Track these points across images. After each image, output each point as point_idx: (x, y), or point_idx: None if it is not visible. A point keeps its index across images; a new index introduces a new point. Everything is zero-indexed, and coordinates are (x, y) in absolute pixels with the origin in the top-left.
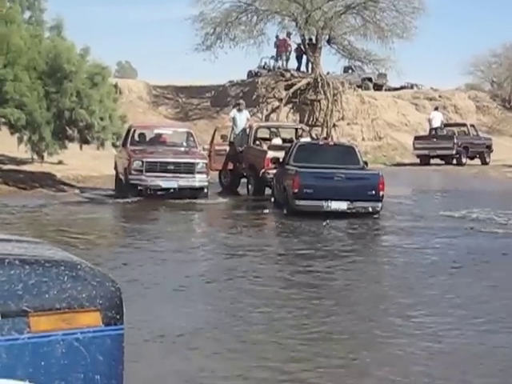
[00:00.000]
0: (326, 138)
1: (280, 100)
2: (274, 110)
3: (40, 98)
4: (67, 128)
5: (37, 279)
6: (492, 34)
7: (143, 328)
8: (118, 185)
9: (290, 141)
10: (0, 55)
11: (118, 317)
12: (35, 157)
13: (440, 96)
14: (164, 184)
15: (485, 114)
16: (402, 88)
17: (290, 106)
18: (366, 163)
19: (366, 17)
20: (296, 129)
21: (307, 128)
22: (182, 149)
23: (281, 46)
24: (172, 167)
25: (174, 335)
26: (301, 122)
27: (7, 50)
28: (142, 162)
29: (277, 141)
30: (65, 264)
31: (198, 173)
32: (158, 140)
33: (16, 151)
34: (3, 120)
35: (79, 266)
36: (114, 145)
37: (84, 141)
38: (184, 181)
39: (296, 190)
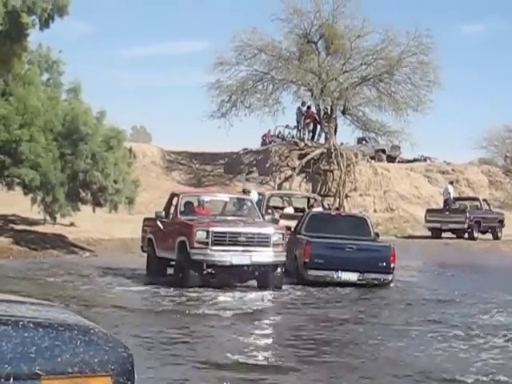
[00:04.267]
0: (338, 209)
1: (293, 169)
2: (286, 179)
3: (55, 159)
4: (80, 190)
5: (50, 342)
6: (507, 107)
7: None
8: (152, 264)
9: (302, 210)
10: (17, 116)
11: (129, 383)
12: (48, 218)
13: (453, 169)
14: (235, 260)
15: (497, 189)
16: (415, 160)
17: (303, 175)
18: (377, 234)
19: (381, 89)
20: (308, 198)
21: (319, 198)
22: (246, 219)
23: (308, 117)
24: (244, 239)
25: None
26: (313, 191)
27: (24, 111)
28: (208, 232)
29: (289, 210)
30: (78, 328)
31: (274, 245)
32: (208, 210)
33: (29, 212)
34: (17, 180)
35: (92, 331)
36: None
37: (97, 203)
38: (258, 256)
39: (307, 260)
